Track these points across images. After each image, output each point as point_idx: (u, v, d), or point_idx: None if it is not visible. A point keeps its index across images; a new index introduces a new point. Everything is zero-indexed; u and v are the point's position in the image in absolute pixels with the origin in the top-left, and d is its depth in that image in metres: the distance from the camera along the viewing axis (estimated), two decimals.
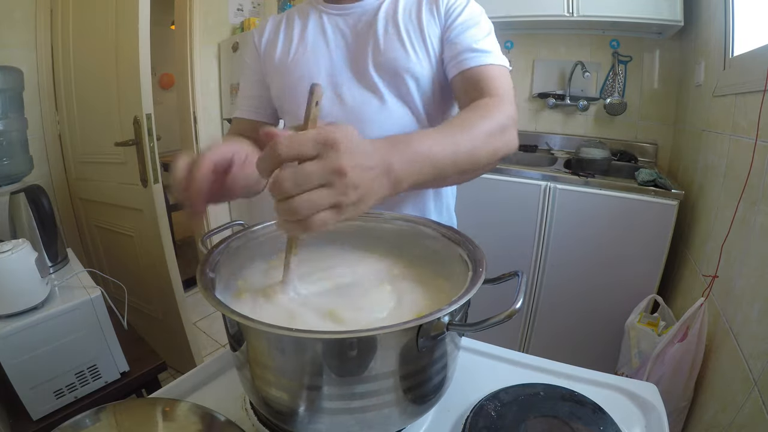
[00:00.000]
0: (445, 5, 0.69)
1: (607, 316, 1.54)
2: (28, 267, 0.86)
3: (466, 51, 0.65)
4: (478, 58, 0.64)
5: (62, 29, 1.59)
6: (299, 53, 0.72)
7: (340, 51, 0.71)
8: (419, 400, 0.39)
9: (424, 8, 0.69)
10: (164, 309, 1.72)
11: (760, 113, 0.92)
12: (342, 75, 0.70)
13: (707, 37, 1.46)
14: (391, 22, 0.69)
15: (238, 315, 0.32)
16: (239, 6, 2.41)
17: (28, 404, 0.88)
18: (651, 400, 0.47)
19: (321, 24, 0.72)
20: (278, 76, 0.73)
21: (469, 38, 0.66)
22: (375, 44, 0.68)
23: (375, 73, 0.68)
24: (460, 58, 0.65)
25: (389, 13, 0.70)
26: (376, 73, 0.68)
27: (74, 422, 0.39)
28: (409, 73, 0.67)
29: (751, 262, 0.91)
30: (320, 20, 0.73)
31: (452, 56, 0.66)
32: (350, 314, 0.41)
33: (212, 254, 0.43)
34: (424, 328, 0.32)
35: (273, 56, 0.74)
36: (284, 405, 0.37)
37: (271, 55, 0.75)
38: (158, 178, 1.47)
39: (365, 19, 0.70)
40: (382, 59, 0.68)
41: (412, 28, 0.69)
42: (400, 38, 0.68)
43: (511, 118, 0.57)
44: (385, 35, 0.68)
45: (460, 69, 0.65)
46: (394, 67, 0.68)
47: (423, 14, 0.69)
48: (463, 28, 0.67)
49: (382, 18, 0.69)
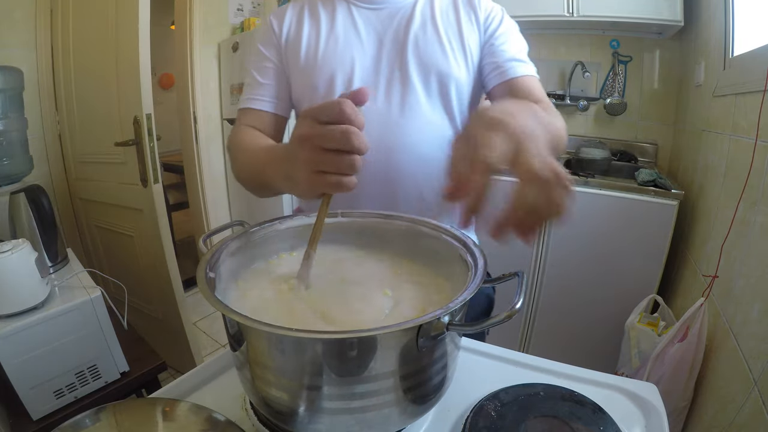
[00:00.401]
0: (483, 13, 0.68)
1: (607, 316, 1.54)
2: (28, 267, 0.86)
3: (511, 61, 0.65)
4: (522, 68, 0.65)
5: (62, 29, 1.58)
6: (330, 47, 0.68)
7: (373, 48, 0.67)
8: (419, 400, 0.39)
9: (462, 13, 0.68)
10: (164, 309, 1.72)
11: (760, 113, 0.92)
12: (377, 75, 0.67)
13: (707, 37, 1.46)
14: (430, 23, 0.67)
15: (238, 315, 0.32)
16: (239, 6, 2.41)
17: (28, 404, 0.88)
18: (651, 400, 0.47)
19: (351, 17, 0.69)
20: (306, 70, 0.69)
21: (512, 49, 0.67)
22: (415, 44, 0.66)
23: (416, 75, 0.66)
24: (505, 67, 0.65)
25: (426, 13, 0.67)
26: (417, 75, 0.66)
27: (74, 422, 0.39)
28: (450, 77, 0.66)
29: (751, 262, 0.91)
30: (349, 13, 0.69)
31: (496, 65, 0.66)
32: (347, 316, 0.41)
33: (212, 254, 0.43)
34: (424, 328, 0.32)
35: (298, 48, 0.70)
36: (284, 405, 0.37)
37: (295, 47, 0.70)
38: (158, 178, 1.47)
39: (401, 16, 0.67)
40: (424, 61, 0.65)
41: (451, 31, 0.67)
42: (440, 41, 0.66)
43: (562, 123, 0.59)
44: (425, 36, 0.66)
45: (504, 78, 0.65)
46: (437, 70, 0.65)
47: (462, 19, 0.67)
48: (505, 39, 0.67)
49: (420, 17, 0.67)
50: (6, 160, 1.28)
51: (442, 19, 0.67)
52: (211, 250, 0.44)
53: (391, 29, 0.67)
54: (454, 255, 0.47)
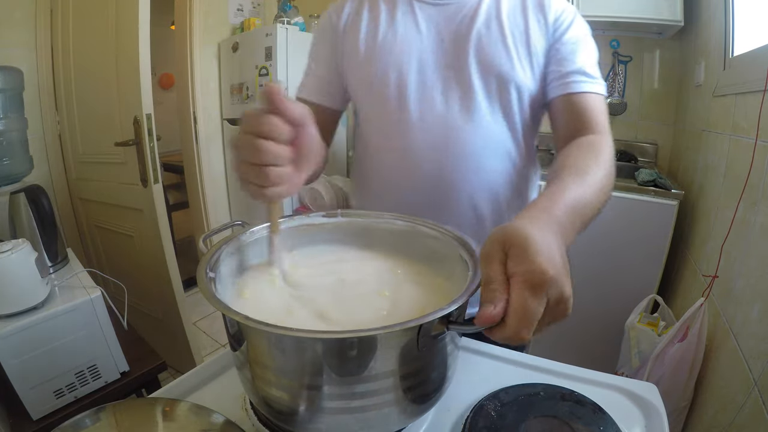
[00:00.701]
0: (553, 14, 0.62)
1: (607, 316, 1.54)
2: (28, 267, 0.86)
3: (576, 73, 0.60)
4: (587, 84, 0.60)
5: (62, 29, 1.58)
6: (388, 40, 0.65)
7: (433, 45, 0.64)
8: (419, 399, 0.39)
9: (531, 14, 0.62)
10: (164, 309, 1.72)
11: (760, 113, 0.92)
12: (435, 73, 0.63)
13: (707, 37, 1.46)
14: (495, 22, 0.62)
15: (238, 315, 0.32)
16: (239, 6, 2.41)
17: (28, 404, 0.88)
18: (651, 400, 0.47)
19: (412, 12, 0.65)
20: (362, 64, 0.67)
21: (580, 59, 0.61)
22: (478, 44, 0.61)
23: (476, 77, 0.62)
24: (568, 80, 0.60)
25: (492, 11, 0.62)
26: (477, 77, 0.62)
27: (74, 422, 0.39)
28: (514, 82, 0.61)
29: (751, 262, 0.91)
30: (411, 8, 0.65)
31: (559, 75, 0.61)
32: (346, 316, 0.41)
33: (212, 254, 0.43)
34: (424, 327, 0.32)
35: (356, 39, 0.67)
36: (284, 405, 0.37)
37: (352, 38, 0.68)
38: (158, 178, 1.47)
39: (464, 14, 0.63)
40: (485, 62, 0.61)
41: (518, 33, 0.62)
42: (505, 42, 0.61)
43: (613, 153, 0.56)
44: (488, 36, 0.61)
45: (565, 91, 0.61)
46: (498, 73, 0.61)
47: (529, 20, 0.62)
48: (575, 47, 0.61)
49: (484, 15, 0.62)
50: (6, 160, 1.28)
51: (509, 19, 0.62)
52: (211, 250, 0.44)
53: (453, 26, 0.63)
54: (454, 255, 0.47)
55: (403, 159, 0.66)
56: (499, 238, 0.33)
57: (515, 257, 0.32)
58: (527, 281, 0.30)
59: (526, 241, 0.32)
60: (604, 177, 0.50)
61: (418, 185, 0.66)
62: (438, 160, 0.64)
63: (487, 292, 0.32)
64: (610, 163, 0.53)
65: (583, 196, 0.44)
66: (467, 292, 0.35)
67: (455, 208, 0.65)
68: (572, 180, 0.46)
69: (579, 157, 0.53)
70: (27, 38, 1.59)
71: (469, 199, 0.65)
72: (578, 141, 0.57)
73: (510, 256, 0.32)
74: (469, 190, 0.65)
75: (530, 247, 0.31)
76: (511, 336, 0.31)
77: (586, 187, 0.45)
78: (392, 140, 0.67)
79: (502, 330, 0.31)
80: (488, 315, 0.31)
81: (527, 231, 0.33)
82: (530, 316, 0.30)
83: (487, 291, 0.32)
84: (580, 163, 0.51)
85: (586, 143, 0.56)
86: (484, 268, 0.33)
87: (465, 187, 0.64)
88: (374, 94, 0.67)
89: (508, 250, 0.33)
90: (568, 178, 0.46)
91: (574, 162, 0.51)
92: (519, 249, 0.32)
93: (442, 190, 0.65)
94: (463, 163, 0.63)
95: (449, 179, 0.64)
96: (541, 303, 0.30)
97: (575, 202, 0.42)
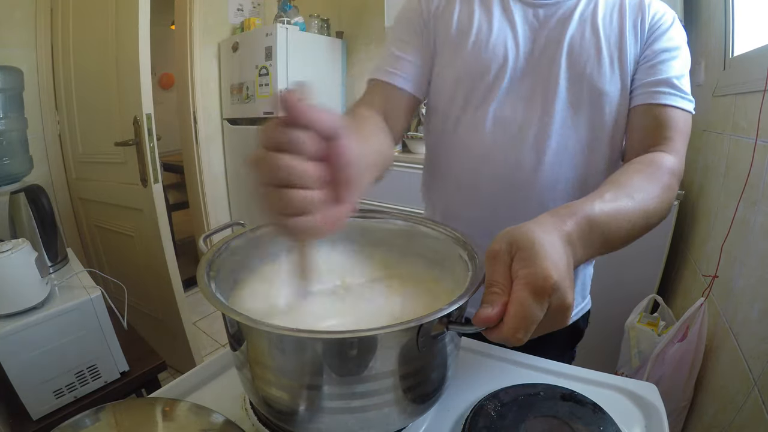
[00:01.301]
0: (650, 18, 0.58)
1: (607, 316, 1.54)
2: (28, 267, 0.86)
3: (664, 84, 0.56)
4: (674, 98, 0.56)
5: (62, 29, 1.59)
6: (482, 36, 0.61)
7: (525, 46, 0.60)
8: (419, 399, 0.39)
9: (628, 16, 0.58)
10: (164, 309, 1.72)
11: (760, 113, 0.92)
12: (527, 78, 0.60)
13: (707, 37, 1.46)
14: (590, 26, 0.58)
15: (238, 314, 0.32)
16: (239, 6, 2.41)
17: (28, 404, 0.88)
18: (651, 400, 0.47)
19: (507, 8, 0.61)
20: (455, 55, 0.63)
21: (671, 70, 0.56)
22: (570, 49, 0.58)
23: (565, 84, 0.59)
24: (654, 89, 0.56)
25: (588, 13, 0.59)
26: (566, 85, 0.59)
27: (74, 422, 0.39)
28: (605, 92, 0.58)
29: (751, 262, 0.91)
30: (506, 3, 0.62)
31: (645, 83, 0.57)
32: (345, 316, 0.41)
33: (212, 254, 0.43)
34: (425, 327, 0.32)
35: (448, 29, 0.63)
36: (284, 405, 0.37)
37: (444, 27, 0.64)
38: (158, 178, 1.48)
39: (560, 15, 0.59)
40: (577, 68, 0.58)
41: (613, 38, 0.58)
42: (599, 49, 0.57)
43: (680, 178, 0.54)
44: (581, 40, 0.58)
45: (648, 101, 0.57)
46: (590, 82, 0.58)
47: (626, 24, 0.58)
48: (668, 56, 0.57)
49: (579, 17, 0.59)
50: (6, 160, 1.28)
51: (604, 23, 0.58)
52: (212, 250, 0.44)
53: (547, 28, 0.60)
54: (454, 255, 0.47)
55: (480, 158, 0.63)
56: (507, 239, 0.33)
57: (521, 260, 0.31)
58: (530, 284, 0.30)
59: (533, 245, 0.32)
60: (651, 200, 0.47)
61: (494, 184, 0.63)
62: (516, 163, 0.61)
63: (489, 294, 0.32)
64: (666, 186, 0.50)
65: (613, 212, 0.41)
66: (467, 292, 0.35)
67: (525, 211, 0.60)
68: (610, 195, 0.43)
69: (634, 173, 0.50)
70: (27, 38, 1.59)
71: (541, 206, 0.62)
72: (644, 157, 0.54)
73: (516, 259, 0.32)
74: (541, 199, 0.62)
75: (537, 251, 0.31)
76: (507, 337, 0.31)
77: (620, 204, 0.43)
78: (471, 136, 0.64)
79: (499, 330, 0.31)
80: (485, 316, 0.31)
81: (535, 235, 0.32)
82: (529, 318, 0.30)
83: (489, 292, 0.32)
84: (631, 179, 0.48)
85: (649, 160, 0.53)
86: (489, 269, 0.33)
87: (538, 195, 0.62)
88: (462, 90, 0.63)
89: (514, 253, 0.32)
90: (607, 193, 0.44)
91: (625, 178, 0.49)
92: (525, 252, 0.31)
93: (515, 199, 0.62)
94: (540, 173, 0.61)
95: (522, 186, 0.62)
96: (542, 307, 0.30)
97: (598, 217, 0.39)
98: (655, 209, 0.47)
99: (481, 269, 0.40)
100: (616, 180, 0.48)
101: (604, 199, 0.42)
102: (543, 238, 0.32)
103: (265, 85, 2.14)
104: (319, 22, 2.39)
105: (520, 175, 0.62)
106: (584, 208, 0.39)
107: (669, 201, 0.50)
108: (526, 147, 0.61)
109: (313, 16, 2.36)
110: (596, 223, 0.39)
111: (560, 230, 0.36)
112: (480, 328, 0.32)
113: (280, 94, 0.28)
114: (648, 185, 0.48)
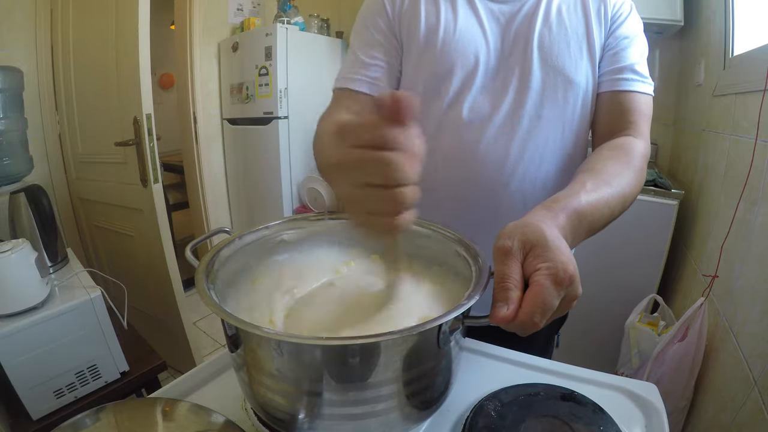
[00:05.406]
0: (612, 7, 0.60)
1: (607, 316, 1.54)
2: (28, 267, 0.86)
3: (627, 71, 0.59)
4: (635, 83, 0.59)
5: (62, 29, 1.59)
6: (449, 35, 0.61)
7: (495, 43, 0.61)
8: (423, 405, 0.38)
9: (591, 7, 0.60)
10: (164, 309, 1.72)
11: (760, 113, 0.92)
12: (499, 74, 0.61)
13: (707, 36, 1.46)
14: (556, 19, 0.60)
15: (236, 319, 0.32)
16: (239, 6, 2.41)
17: (28, 404, 0.88)
18: (651, 400, 0.47)
19: (472, 5, 0.62)
20: (424, 55, 0.63)
21: (632, 56, 0.59)
22: (541, 43, 0.59)
23: (539, 78, 0.59)
24: (617, 77, 0.59)
25: (551, 7, 0.60)
26: (540, 78, 0.59)
27: (74, 422, 0.39)
28: (576, 83, 0.60)
29: (751, 262, 0.91)
30: (471, 2, 0.62)
31: (609, 70, 0.60)
32: (344, 320, 0.40)
33: (211, 256, 0.43)
34: (428, 333, 0.32)
35: (414, 30, 0.63)
36: (283, 410, 0.36)
37: (411, 28, 0.63)
38: (158, 178, 1.47)
39: (526, 11, 0.60)
40: (549, 62, 0.59)
41: (581, 30, 0.60)
42: (567, 41, 0.59)
43: (648, 159, 0.56)
44: (551, 34, 0.59)
45: (613, 88, 0.59)
46: (563, 74, 0.59)
47: (591, 15, 0.60)
48: (628, 42, 0.60)
49: (544, 12, 0.60)
50: (6, 160, 1.28)
51: (569, 15, 0.60)
52: (211, 252, 0.44)
53: (515, 24, 0.60)
54: (451, 253, 0.47)
55: (453, 157, 0.64)
56: (518, 237, 0.34)
57: (538, 256, 0.33)
58: (552, 275, 0.31)
59: (546, 241, 0.33)
60: (627, 184, 0.49)
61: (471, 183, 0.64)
62: (492, 160, 0.62)
63: (501, 290, 0.32)
64: (638, 169, 0.53)
65: (596, 201, 0.44)
66: (479, 287, 0.36)
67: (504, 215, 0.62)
68: (591, 185, 0.45)
69: (607, 159, 0.52)
70: (27, 38, 1.59)
71: (523, 207, 0.63)
72: (613, 142, 0.57)
73: (531, 255, 0.33)
74: (520, 188, 0.63)
75: (552, 247, 0.33)
76: (524, 320, 0.31)
77: (601, 193, 0.45)
78: (445, 135, 0.64)
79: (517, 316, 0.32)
80: (503, 315, 0.31)
81: (546, 232, 0.34)
82: (547, 304, 0.31)
83: (501, 289, 0.32)
84: (605, 166, 0.50)
85: (619, 145, 0.55)
86: (499, 265, 0.34)
87: (519, 193, 0.63)
88: (430, 89, 0.63)
89: (528, 250, 0.33)
90: (588, 182, 0.46)
91: (600, 165, 0.51)
92: (540, 248, 0.33)
93: (495, 195, 0.63)
94: (522, 168, 0.62)
95: (504, 183, 0.62)
96: (559, 297, 0.32)
97: (585, 209, 0.42)
98: (631, 192, 0.50)
99: (485, 265, 0.40)
100: (592, 168, 0.50)
101: (587, 189, 0.44)
102: (552, 233, 0.34)
103: (265, 85, 2.13)
104: (319, 22, 2.39)
105: (497, 169, 0.62)
106: (572, 202, 0.41)
107: (641, 183, 0.53)
108: (502, 141, 0.62)
109: (312, 16, 2.36)
110: (584, 215, 0.42)
111: (557, 225, 0.38)
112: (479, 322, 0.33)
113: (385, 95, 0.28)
114: (623, 170, 0.50)
